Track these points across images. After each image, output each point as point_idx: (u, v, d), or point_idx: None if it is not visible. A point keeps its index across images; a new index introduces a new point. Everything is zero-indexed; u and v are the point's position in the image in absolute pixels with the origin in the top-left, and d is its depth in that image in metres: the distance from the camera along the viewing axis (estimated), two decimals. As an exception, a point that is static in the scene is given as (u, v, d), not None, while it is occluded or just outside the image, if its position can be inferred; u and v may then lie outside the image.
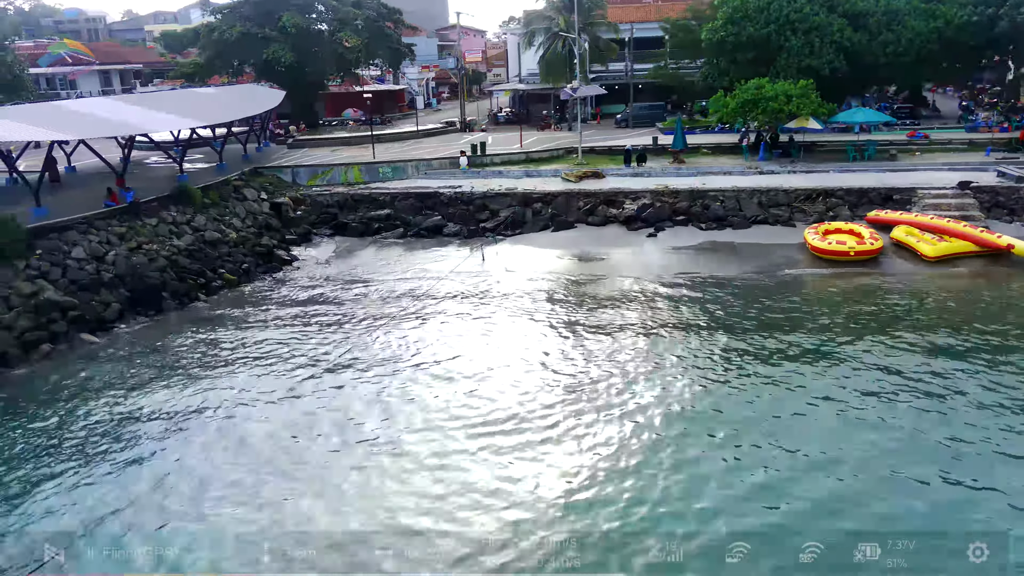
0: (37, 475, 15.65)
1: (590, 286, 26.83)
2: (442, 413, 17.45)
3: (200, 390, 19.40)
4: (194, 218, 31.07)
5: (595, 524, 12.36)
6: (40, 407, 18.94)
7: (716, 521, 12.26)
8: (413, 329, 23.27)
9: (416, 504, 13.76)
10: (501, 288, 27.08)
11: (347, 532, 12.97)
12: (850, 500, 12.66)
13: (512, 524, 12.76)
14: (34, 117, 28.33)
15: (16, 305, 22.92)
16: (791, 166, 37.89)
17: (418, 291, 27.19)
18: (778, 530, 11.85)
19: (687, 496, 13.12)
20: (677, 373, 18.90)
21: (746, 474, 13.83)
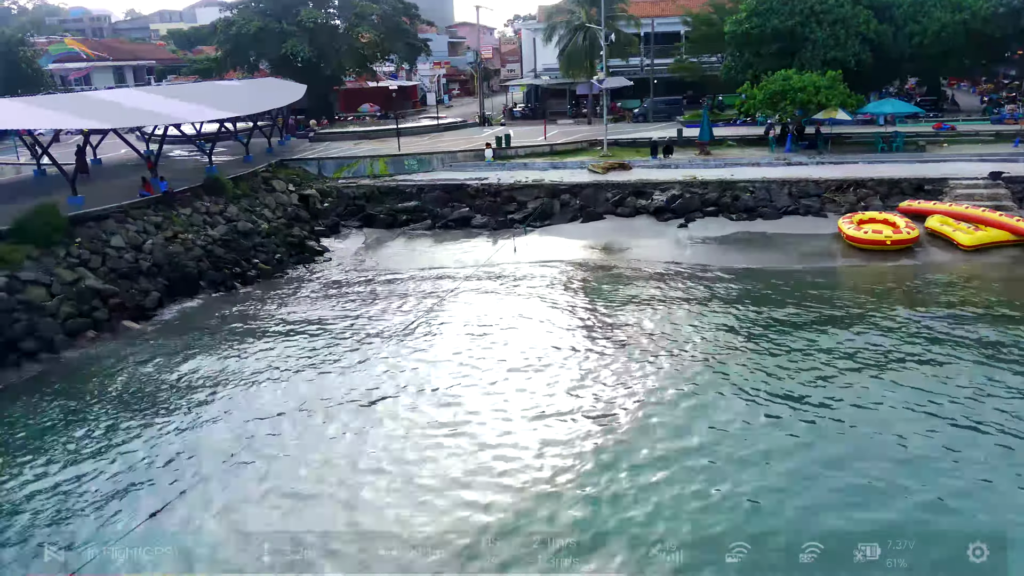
0: (82, 459, 15.68)
1: (624, 276, 26.71)
2: (459, 400, 17.29)
3: (243, 378, 19.33)
4: (226, 208, 31.07)
5: (595, 524, 12.30)
6: (87, 393, 18.92)
7: (716, 521, 12.23)
8: (451, 317, 23.21)
9: (410, 494, 13.59)
10: (535, 278, 27.00)
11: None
12: (850, 500, 12.61)
13: (511, 523, 12.55)
14: (69, 106, 28.31)
15: (58, 292, 22.92)
16: (819, 157, 37.80)
17: (452, 280, 27.16)
18: (778, 530, 11.87)
19: (687, 496, 13.01)
20: (701, 366, 18.49)
21: (746, 473, 13.67)
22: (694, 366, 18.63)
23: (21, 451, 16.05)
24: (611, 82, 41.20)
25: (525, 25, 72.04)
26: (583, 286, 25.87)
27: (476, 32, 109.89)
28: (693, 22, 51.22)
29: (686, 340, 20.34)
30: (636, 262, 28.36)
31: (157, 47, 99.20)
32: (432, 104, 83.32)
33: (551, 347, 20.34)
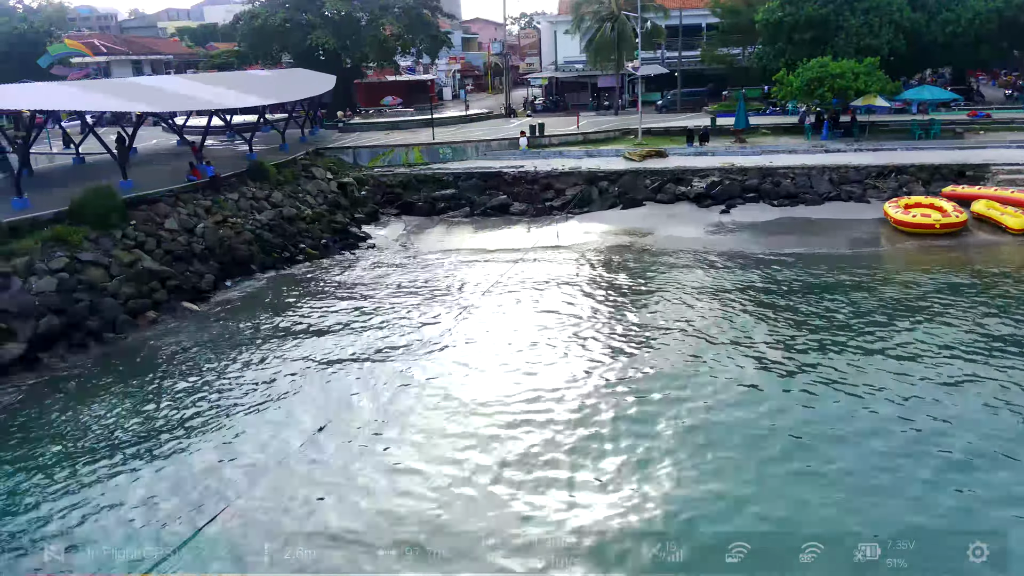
0: (149, 440, 15.70)
1: (672, 262, 26.56)
2: (464, 393, 16.94)
3: (306, 359, 19.26)
4: (271, 195, 31.07)
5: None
6: (154, 375, 18.93)
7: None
8: (496, 302, 23.16)
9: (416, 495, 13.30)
10: (582, 263, 26.98)
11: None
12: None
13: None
14: (120, 91, 28.33)
15: (117, 273, 22.93)
16: (856, 144, 37.75)
17: (497, 266, 27.06)
18: (778, 530, 11.75)
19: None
20: (729, 360, 17.99)
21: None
22: (721, 356, 18.19)
23: (90, 436, 15.99)
24: (646, 69, 41.15)
25: (545, 19, 71.90)
26: (632, 271, 25.76)
27: (492, 27, 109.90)
28: (721, 12, 51.10)
29: (732, 328, 19.93)
30: (682, 247, 28.24)
31: (172, 43, 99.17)
32: (448, 99, 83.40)
33: (597, 333, 20.13)
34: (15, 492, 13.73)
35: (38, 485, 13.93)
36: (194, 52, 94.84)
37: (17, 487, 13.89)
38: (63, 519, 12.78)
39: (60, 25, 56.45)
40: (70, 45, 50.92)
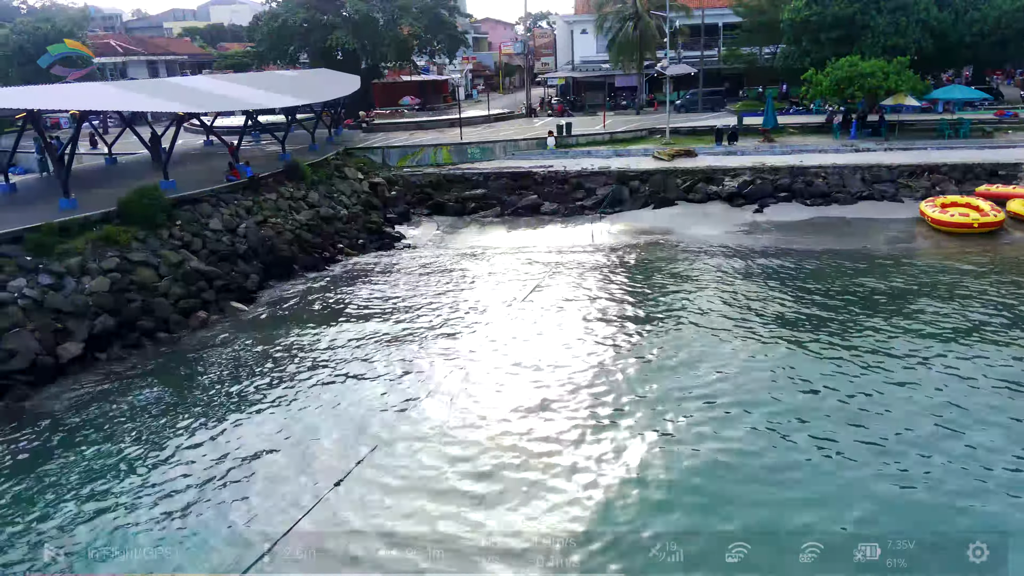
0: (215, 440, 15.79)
1: (711, 260, 26.55)
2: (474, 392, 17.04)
3: (359, 358, 19.37)
4: (308, 195, 31.15)
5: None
6: (210, 373, 19.04)
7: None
8: (544, 300, 23.22)
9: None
10: (621, 262, 27.06)
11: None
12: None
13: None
14: (159, 91, 28.39)
15: (165, 273, 23.03)
16: (886, 144, 37.76)
17: (537, 265, 27.12)
18: (778, 530, 11.75)
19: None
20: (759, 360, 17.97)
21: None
22: (744, 353, 18.23)
23: (151, 436, 16.10)
24: (674, 69, 41.21)
25: (562, 19, 71.84)
26: (673, 270, 25.73)
27: (502, 27, 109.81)
28: (743, 12, 51.09)
29: (762, 325, 20.02)
30: (720, 246, 28.29)
31: (184, 43, 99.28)
32: (462, 99, 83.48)
33: (639, 330, 20.28)
34: (76, 492, 13.77)
35: (103, 483, 14.04)
36: (207, 52, 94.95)
37: (80, 486, 13.94)
38: (124, 520, 12.84)
39: (82, 26, 56.38)
40: (70, 45, 50.63)
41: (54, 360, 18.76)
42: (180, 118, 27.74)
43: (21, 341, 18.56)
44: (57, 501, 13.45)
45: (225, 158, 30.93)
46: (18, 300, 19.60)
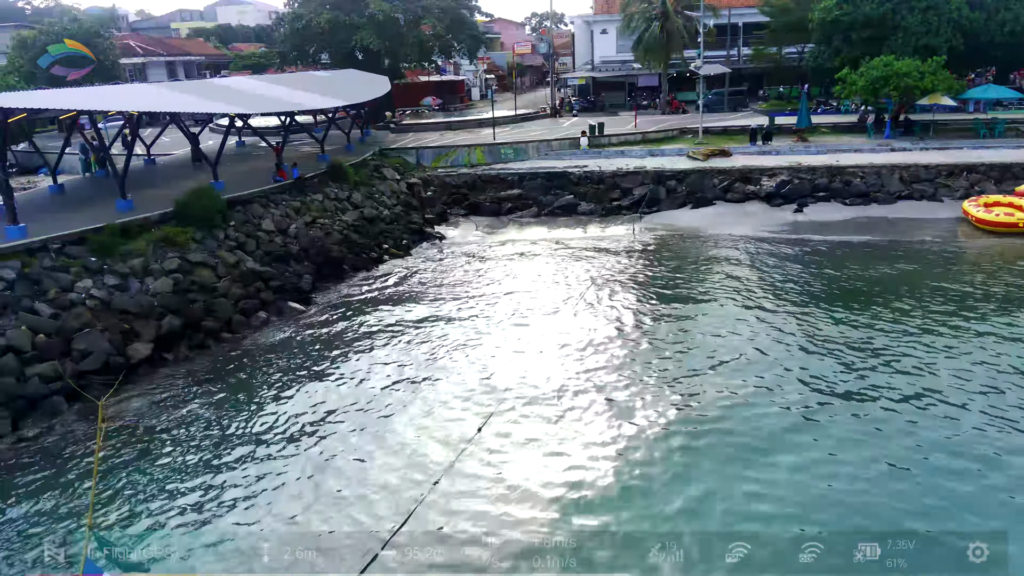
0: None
1: (758, 260, 26.61)
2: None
3: (425, 357, 19.51)
4: (351, 195, 31.23)
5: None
6: (279, 373, 19.12)
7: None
8: (595, 296, 23.35)
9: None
10: (666, 262, 27.12)
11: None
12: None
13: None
14: (210, 92, 28.51)
15: (223, 274, 23.13)
16: (922, 143, 37.79)
17: (580, 262, 27.25)
18: (778, 530, 11.76)
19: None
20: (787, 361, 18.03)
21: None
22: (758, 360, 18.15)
23: (225, 436, 16.21)
24: (707, 68, 41.27)
25: (581, 19, 71.84)
26: (722, 268, 25.81)
27: (513, 27, 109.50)
28: (770, 11, 51.11)
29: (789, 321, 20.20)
30: (763, 246, 28.33)
31: (199, 43, 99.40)
32: (476, 99, 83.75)
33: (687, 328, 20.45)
34: (160, 494, 13.85)
35: (184, 483, 14.13)
36: (222, 53, 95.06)
37: (157, 488, 14.02)
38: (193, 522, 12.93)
39: (109, 26, 56.47)
40: (70, 45, 50.59)
41: (125, 360, 18.84)
42: (231, 119, 27.78)
43: (93, 341, 18.65)
44: (142, 502, 13.53)
45: (261, 159, 31.05)
46: (86, 301, 19.73)
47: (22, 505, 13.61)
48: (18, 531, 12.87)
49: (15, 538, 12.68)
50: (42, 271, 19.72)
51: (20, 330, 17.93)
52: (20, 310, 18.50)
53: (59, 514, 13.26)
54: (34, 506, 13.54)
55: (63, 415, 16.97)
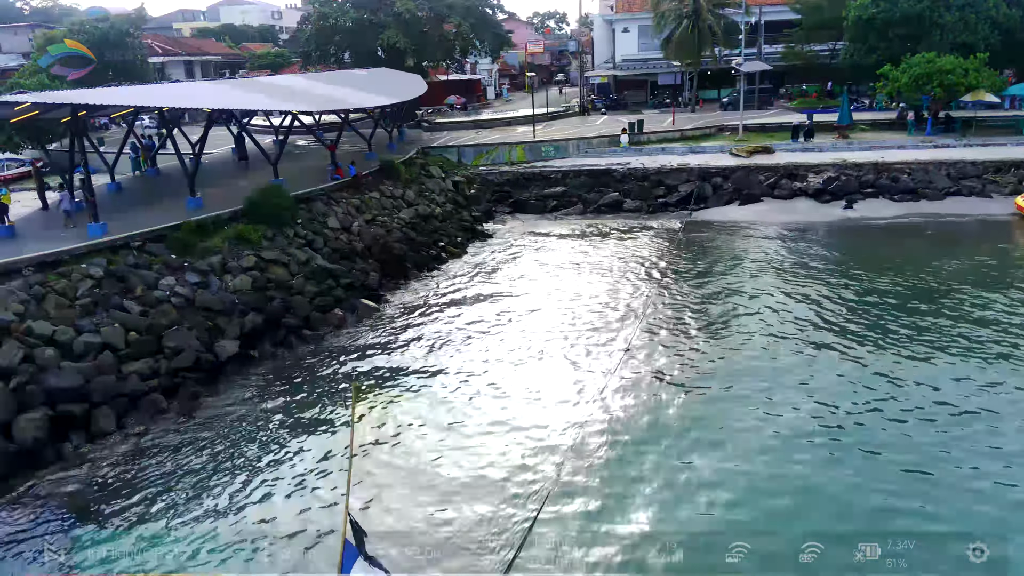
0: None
1: (822, 256, 26.73)
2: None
3: (515, 357, 19.54)
4: (405, 193, 31.21)
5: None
6: (368, 369, 19.12)
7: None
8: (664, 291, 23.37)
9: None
10: (722, 257, 27.18)
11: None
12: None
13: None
14: (272, 91, 28.52)
15: (296, 272, 23.09)
16: (965, 140, 37.83)
17: (638, 259, 27.29)
18: (778, 530, 11.75)
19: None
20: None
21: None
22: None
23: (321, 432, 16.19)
24: (749, 66, 41.29)
25: (602, 17, 71.86)
26: (791, 263, 25.86)
27: (525, 27, 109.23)
28: (801, 8, 51.12)
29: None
30: (821, 242, 28.44)
31: (213, 43, 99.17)
32: (492, 98, 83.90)
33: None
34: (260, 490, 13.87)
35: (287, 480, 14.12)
36: (237, 53, 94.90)
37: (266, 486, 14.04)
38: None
39: (138, 25, 56.34)
40: (70, 45, 50.42)
41: (215, 358, 18.79)
42: (294, 116, 27.76)
43: (183, 339, 18.62)
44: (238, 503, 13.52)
45: (308, 157, 30.98)
46: (171, 298, 19.69)
47: (147, 500, 13.60)
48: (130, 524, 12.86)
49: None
50: (127, 269, 19.68)
51: (114, 327, 17.90)
52: (111, 307, 18.48)
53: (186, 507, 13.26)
54: (167, 500, 13.53)
55: (165, 412, 16.92)
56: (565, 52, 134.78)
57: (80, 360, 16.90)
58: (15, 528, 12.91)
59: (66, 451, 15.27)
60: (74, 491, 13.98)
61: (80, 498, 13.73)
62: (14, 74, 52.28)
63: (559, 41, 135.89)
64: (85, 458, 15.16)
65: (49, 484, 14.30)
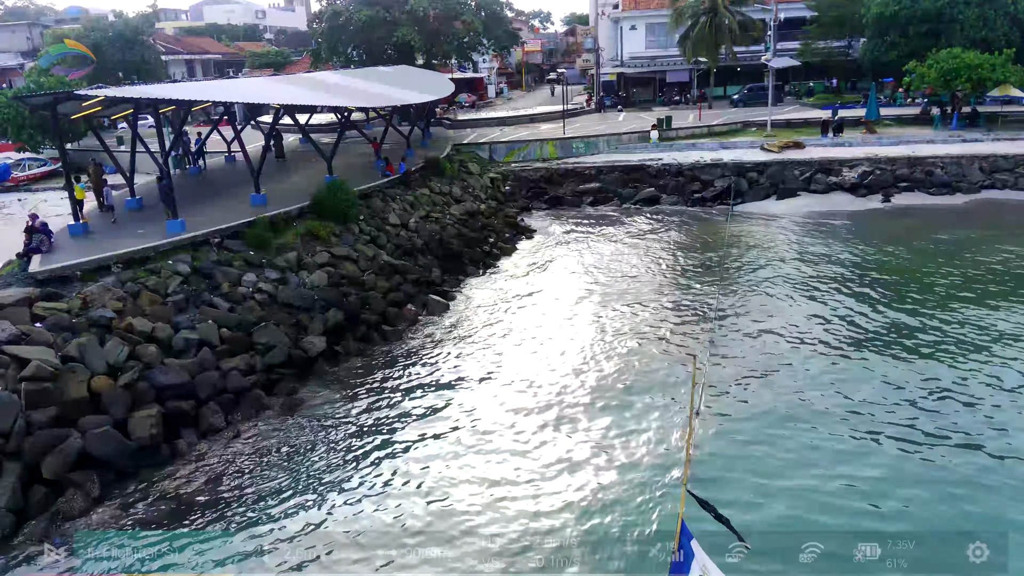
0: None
1: (877, 247, 27.00)
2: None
3: (607, 350, 19.62)
4: (452, 189, 31.16)
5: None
6: (468, 369, 19.10)
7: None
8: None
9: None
10: (779, 250, 27.44)
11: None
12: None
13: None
14: (330, 89, 28.39)
15: (365, 268, 23.00)
16: (992, 134, 38.41)
17: (689, 251, 27.51)
18: (778, 530, 11.69)
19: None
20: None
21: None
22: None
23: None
24: (777, 62, 41.65)
25: (609, 15, 72.07)
26: (845, 254, 26.11)
27: (523, 26, 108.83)
28: (817, 6, 51.61)
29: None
30: (874, 236, 28.74)
31: (211, 42, 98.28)
32: (492, 96, 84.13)
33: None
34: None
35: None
36: (234, 51, 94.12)
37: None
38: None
39: (151, 21, 55.76)
40: (70, 45, 50.00)
41: (304, 354, 18.67)
42: (349, 112, 27.64)
43: (272, 335, 18.47)
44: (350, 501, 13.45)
45: (346, 155, 30.75)
46: (255, 295, 19.55)
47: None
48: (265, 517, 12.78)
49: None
50: (212, 265, 19.53)
51: (208, 324, 17.74)
52: (201, 304, 18.33)
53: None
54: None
55: (266, 408, 16.79)
56: (555, 51, 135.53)
57: (180, 357, 16.76)
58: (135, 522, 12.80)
59: (180, 448, 15.11)
60: (195, 488, 13.84)
61: (203, 495, 13.61)
62: (20, 73, 51.69)
63: (548, 41, 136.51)
64: (200, 455, 15.01)
65: (169, 480, 14.15)
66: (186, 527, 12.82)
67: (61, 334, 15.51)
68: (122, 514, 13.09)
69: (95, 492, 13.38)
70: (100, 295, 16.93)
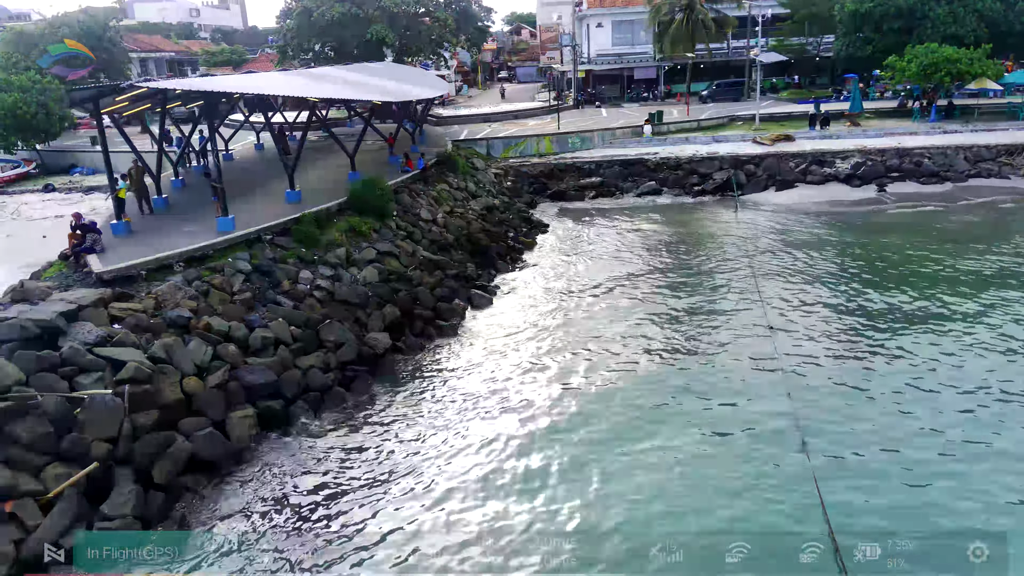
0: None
1: (885, 230, 27.98)
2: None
3: (672, 344, 19.91)
4: (467, 184, 30.98)
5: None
6: (512, 355, 19.06)
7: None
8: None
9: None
10: (799, 239, 28.14)
11: None
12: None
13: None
14: (352, 84, 27.90)
15: (405, 263, 22.71)
16: (970, 126, 40.09)
17: (710, 242, 28.09)
18: (778, 530, 11.72)
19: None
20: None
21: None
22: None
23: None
24: (765, 57, 42.52)
25: (575, 14, 72.54)
26: (855, 244, 26.94)
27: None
28: (793, 3, 52.87)
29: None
30: (877, 221, 29.76)
31: (162, 40, 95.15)
32: (453, 94, 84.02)
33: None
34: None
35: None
36: (184, 49, 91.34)
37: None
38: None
39: (117, 17, 53.63)
40: (70, 45, 48.35)
41: (371, 351, 18.35)
42: (372, 110, 27.22)
43: (338, 332, 18.11)
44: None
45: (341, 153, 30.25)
46: (314, 292, 19.14)
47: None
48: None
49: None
50: (270, 263, 19.03)
51: (279, 322, 17.29)
52: (267, 302, 17.85)
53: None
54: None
55: (346, 405, 16.46)
56: (503, 50, 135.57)
57: (258, 356, 16.30)
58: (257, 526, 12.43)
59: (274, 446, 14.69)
60: (303, 487, 13.50)
61: (313, 494, 13.31)
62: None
63: (496, 40, 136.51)
64: (293, 452, 14.63)
65: (261, 484, 13.71)
66: (311, 527, 12.50)
67: (143, 335, 14.92)
68: (243, 518, 12.67)
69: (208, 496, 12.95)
70: (171, 294, 16.34)
